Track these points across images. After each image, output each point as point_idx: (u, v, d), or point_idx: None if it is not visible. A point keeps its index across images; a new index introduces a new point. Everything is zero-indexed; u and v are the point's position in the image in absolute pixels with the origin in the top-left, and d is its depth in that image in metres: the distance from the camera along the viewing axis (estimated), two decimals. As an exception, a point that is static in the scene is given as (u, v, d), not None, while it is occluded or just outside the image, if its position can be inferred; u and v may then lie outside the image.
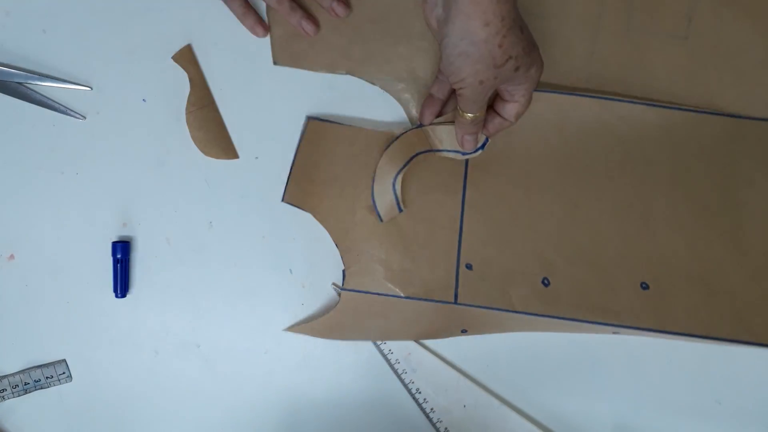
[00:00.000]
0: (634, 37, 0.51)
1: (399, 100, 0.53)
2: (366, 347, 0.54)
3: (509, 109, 0.47)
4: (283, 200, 0.53)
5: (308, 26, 0.51)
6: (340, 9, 0.51)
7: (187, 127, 0.53)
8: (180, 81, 0.53)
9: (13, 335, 0.53)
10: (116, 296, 0.53)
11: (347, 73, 0.53)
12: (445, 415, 0.54)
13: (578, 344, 0.54)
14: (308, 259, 0.54)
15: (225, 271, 0.54)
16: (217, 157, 0.53)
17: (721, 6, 0.51)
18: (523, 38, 0.41)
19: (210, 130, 0.53)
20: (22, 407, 0.54)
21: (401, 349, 0.54)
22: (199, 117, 0.53)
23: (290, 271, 0.54)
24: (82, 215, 0.54)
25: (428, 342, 0.54)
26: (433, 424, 0.54)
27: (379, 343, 0.54)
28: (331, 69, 0.52)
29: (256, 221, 0.54)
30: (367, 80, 0.53)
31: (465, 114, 0.46)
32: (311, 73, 0.53)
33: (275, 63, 0.53)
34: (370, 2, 0.52)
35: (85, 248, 0.54)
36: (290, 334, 0.54)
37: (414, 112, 0.52)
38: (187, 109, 0.53)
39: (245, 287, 0.54)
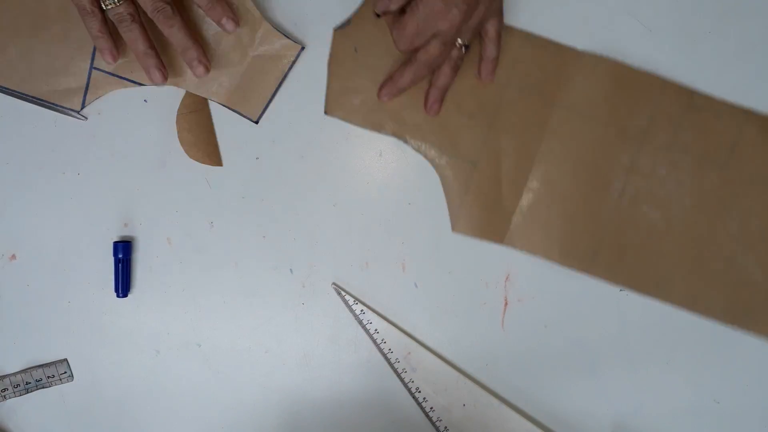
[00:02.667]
0: (675, 155, 0.53)
1: (437, 169, 0.53)
2: (366, 347, 0.55)
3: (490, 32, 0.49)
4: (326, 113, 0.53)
5: (156, 74, 0.49)
6: (199, 70, 0.50)
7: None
8: (181, 82, 0.53)
9: (15, 335, 0.54)
10: (117, 296, 0.53)
11: (392, 135, 0.53)
12: (445, 414, 0.54)
13: (578, 344, 0.54)
14: (308, 259, 0.54)
15: (225, 271, 0.54)
16: (201, 162, 0.53)
17: (765, 141, 0.53)
18: None
19: (198, 133, 0.53)
20: (23, 406, 0.54)
21: (401, 348, 0.54)
22: (189, 119, 0.53)
23: (290, 271, 0.54)
24: (84, 215, 0.54)
25: (428, 342, 0.55)
26: (433, 423, 0.54)
27: (379, 342, 0.54)
28: (378, 128, 0.53)
29: (257, 221, 0.54)
30: (410, 145, 0.53)
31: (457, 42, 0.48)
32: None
33: (326, 113, 0.53)
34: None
35: (87, 248, 0.54)
36: (290, 333, 0.54)
37: (451, 182, 0.53)
38: (179, 110, 0.53)
39: (245, 287, 0.54)
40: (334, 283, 0.54)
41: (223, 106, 0.53)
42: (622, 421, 0.55)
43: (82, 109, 0.53)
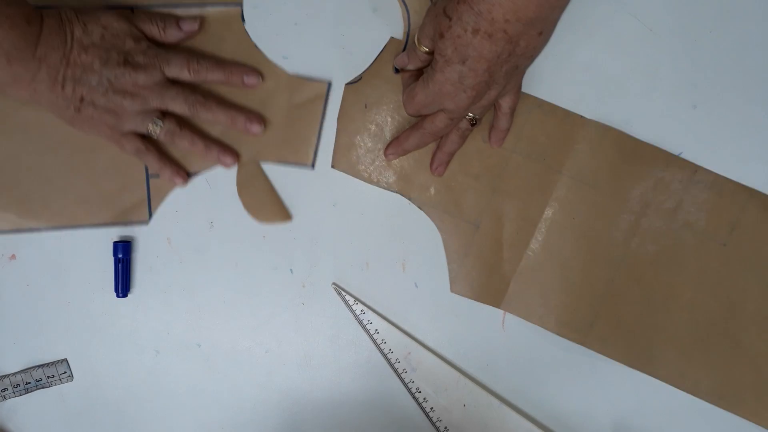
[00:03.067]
0: (676, 230, 0.53)
1: (440, 228, 0.54)
2: (366, 347, 0.55)
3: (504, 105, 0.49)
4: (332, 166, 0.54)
5: (227, 159, 0.52)
6: (255, 128, 0.51)
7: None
8: (181, 81, 0.53)
9: (15, 334, 0.54)
10: (117, 296, 0.53)
11: (398, 192, 0.53)
12: (445, 414, 0.54)
13: (578, 344, 0.54)
14: (308, 259, 0.54)
15: (225, 271, 0.54)
16: (272, 222, 0.54)
17: (765, 221, 0.53)
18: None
19: (261, 198, 0.53)
20: (23, 407, 0.54)
21: (401, 348, 0.54)
22: (250, 188, 0.53)
23: (290, 270, 0.54)
24: (84, 215, 0.54)
25: (428, 342, 0.55)
26: (433, 424, 0.54)
27: (379, 342, 0.54)
28: (384, 185, 0.54)
29: (256, 222, 0.54)
30: (414, 203, 0.54)
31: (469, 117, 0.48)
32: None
33: (333, 167, 0.54)
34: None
35: (87, 248, 0.54)
36: (290, 333, 0.54)
37: (452, 242, 0.53)
38: (237, 184, 0.53)
39: (245, 287, 0.54)
40: (334, 283, 0.54)
41: (276, 163, 0.53)
42: (622, 421, 0.55)
43: (150, 219, 0.53)
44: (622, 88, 0.53)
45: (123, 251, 0.53)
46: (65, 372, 0.54)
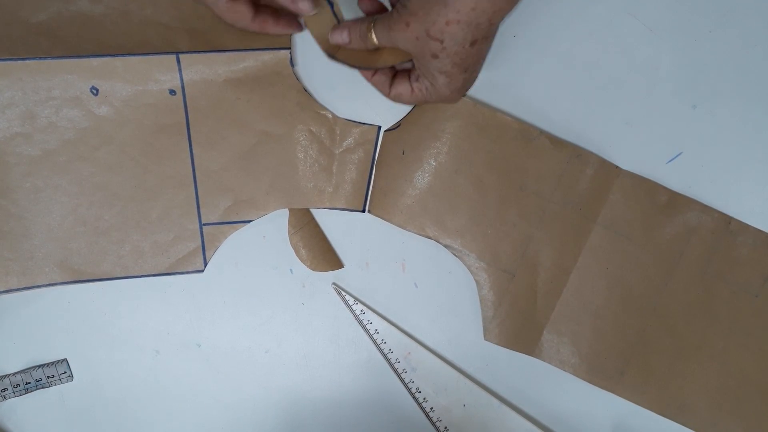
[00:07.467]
0: (708, 280, 0.53)
1: (475, 276, 0.53)
2: (366, 347, 0.55)
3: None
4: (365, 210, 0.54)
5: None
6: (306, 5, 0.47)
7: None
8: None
9: (15, 334, 0.54)
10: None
11: (433, 239, 0.53)
12: (445, 414, 0.54)
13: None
14: (308, 259, 0.54)
15: (225, 271, 0.54)
16: (325, 271, 0.53)
17: None
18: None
19: (314, 246, 0.53)
20: (23, 406, 0.54)
21: (401, 348, 0.54)
22: (301, 236, 0.53)
23: (290, 270, 0.54)
24: (84, 215, 0.54)
25: (428, 342, 0.55)
26: (433, 424, 0.54)
27: (379, 342, 0.54)
28: (420, 231, 0.53)
29: (257, 221, 0.54)
30: (450, 251, 0.53)
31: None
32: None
33: (369, 212, 0.53)
34: (479, 186, 0.53)
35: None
36: (290, 333, 0.54)
37: (487, 290, 0.53)
38: (288, 230, 0.53)
39: (245, 287, 0.54)
40: (334, 283, 0.54)
41: (328, 209, 0.53)
42: (622, 421, 0.55)
43: (205, 267, 0.53)
44: (622, 88, 0.53)
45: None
46: (65, 372, 0.54)
